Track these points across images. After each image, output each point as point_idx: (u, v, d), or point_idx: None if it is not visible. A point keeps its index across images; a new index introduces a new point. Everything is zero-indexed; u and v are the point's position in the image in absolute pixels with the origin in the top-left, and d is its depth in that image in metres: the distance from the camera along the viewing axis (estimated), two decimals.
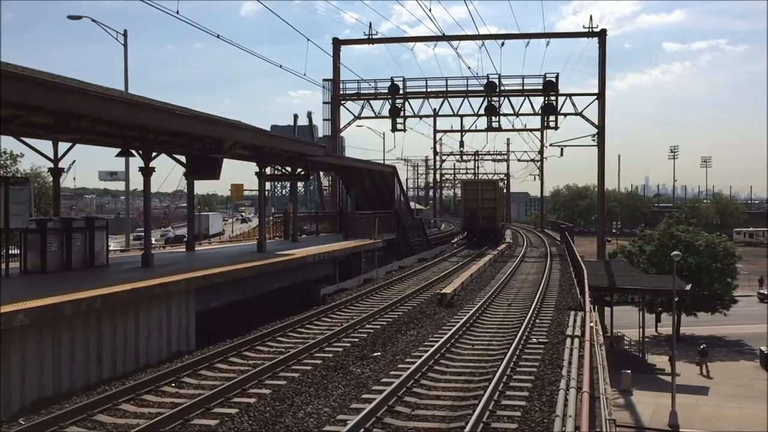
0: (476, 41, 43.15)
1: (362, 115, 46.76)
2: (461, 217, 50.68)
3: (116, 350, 12.90)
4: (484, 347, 14.41)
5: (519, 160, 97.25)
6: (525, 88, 44.22)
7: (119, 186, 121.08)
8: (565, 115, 44.57)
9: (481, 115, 45.31)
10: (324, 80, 45.15)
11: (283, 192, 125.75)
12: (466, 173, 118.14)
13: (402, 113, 45.24)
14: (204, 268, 17.21)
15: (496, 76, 43.70)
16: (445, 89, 45.30)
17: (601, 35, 44.02)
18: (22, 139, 18.08)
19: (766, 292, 59.17)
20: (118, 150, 20.26)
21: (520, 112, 45.33)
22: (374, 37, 45.50)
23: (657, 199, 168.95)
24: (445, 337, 14.60)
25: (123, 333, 13.12)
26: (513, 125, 49.54)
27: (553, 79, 43.22)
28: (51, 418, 9.27)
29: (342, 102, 46.09)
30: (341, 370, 12.39)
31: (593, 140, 45.59)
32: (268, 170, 27.50)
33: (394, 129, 46.10)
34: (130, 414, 9.90)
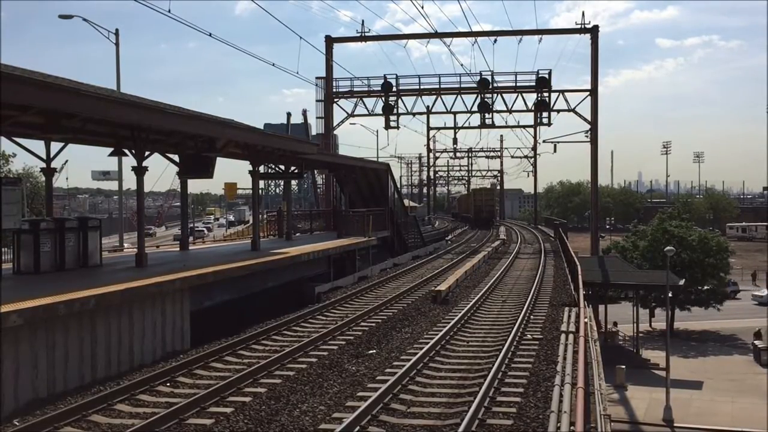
0: (469, 38, 43.29)
1: (355, 113, 46.78)
2: (472, 211, 77.39)
3: (110, 350, 12.86)
4: (479, 344, 14.44)
5: (512, 157, 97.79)
6: (518, 84, 44.30)
7: (112, 186, 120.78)
8: (558, 111, 44.70)
9: (475, 112, 45.36)
10: (317, 78, 45.08)
11: (277, 190, 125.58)
12: (460, 170, 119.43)
13: (395, 111, 45.21)
14: (198, 268, 17.17)
15: (489, 73, 43.75)
16: (438, 86, 45.31)
17: (593, 31, 44.07)
18: (14, 139, 17.99)
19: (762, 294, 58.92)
20: (111, 149, 20.21)
21: (513, 109, 45.40)
22: (367, 34, 45.50)
23: (650, 195, 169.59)
24: (440, 334, 14.62)
25: (117, 333, 13.08)
26: (506, 122, 49.91)
27: (546, 76, 43.28)
28: (46, 418, 9.24)
29: (335, 100, 46.05)
30: (336, 368, 12.39)
31: (586, 136, 45.72)
32: (261, 169, 27.44)
33: (387, 126, 46.11)
34: (125, 414, 9.87)
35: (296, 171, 30.39)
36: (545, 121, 45.37)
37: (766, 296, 56.61)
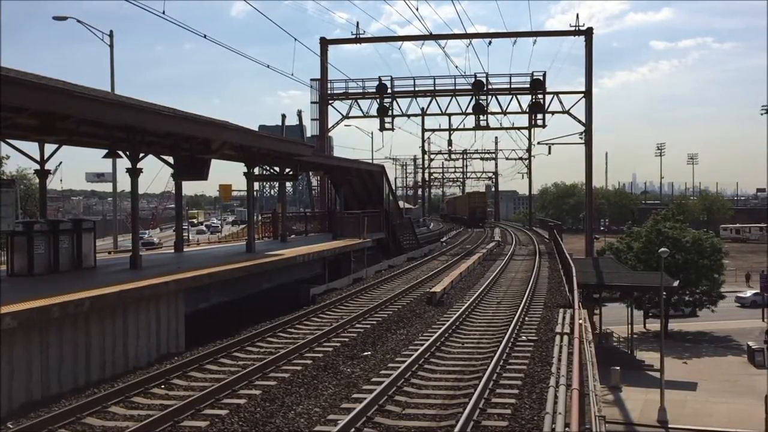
0: (464, 40, 43.24)
1: (350, 115, 46.65)
2: (468, 211, 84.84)
3: (105, 352, 12.83)
4: (474, 345, 14.45)
5: (507, 159, 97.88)
6: (512, 86, 44.21)
7: (107, 187, 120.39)
8: (553, 113, 44.68)
9: (469, 113, 45.29)
10: (312, 80, 45.02)
11: (272, 192, 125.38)
12: (455, 172, 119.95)
13: (390, 112, 45.11)
14: (193, 269, 17.15)
15: (484, 74, 43.73)
16: (432, 88, 45.21)
17: (588, 33, 44.09)
18: (8, 140, 17.93)
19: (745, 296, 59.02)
20: (105, 151, 20.17)
21: (507, 111, 45.29)
22: (362, 36, 45.46)
23: (644, 197, 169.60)
24: (435, 335, 14.62)
25: (111, 335, 13.05)
26: (501, 124, 49.58)
27: (541, 78, 43.29)
28: (40, 421, 9.22)
29: (330, 101, 45.97)
30: (331, 369, 12.39)
31: (581, 138, 45.71)
32: (256, 170, 27.42)
33: (382, 128, 46.00)
34: (120, 416, 9.85)
35: (291, 173, 30.39)
36: (540, 122, 45.39)
37: (750, 297, 56.88)
